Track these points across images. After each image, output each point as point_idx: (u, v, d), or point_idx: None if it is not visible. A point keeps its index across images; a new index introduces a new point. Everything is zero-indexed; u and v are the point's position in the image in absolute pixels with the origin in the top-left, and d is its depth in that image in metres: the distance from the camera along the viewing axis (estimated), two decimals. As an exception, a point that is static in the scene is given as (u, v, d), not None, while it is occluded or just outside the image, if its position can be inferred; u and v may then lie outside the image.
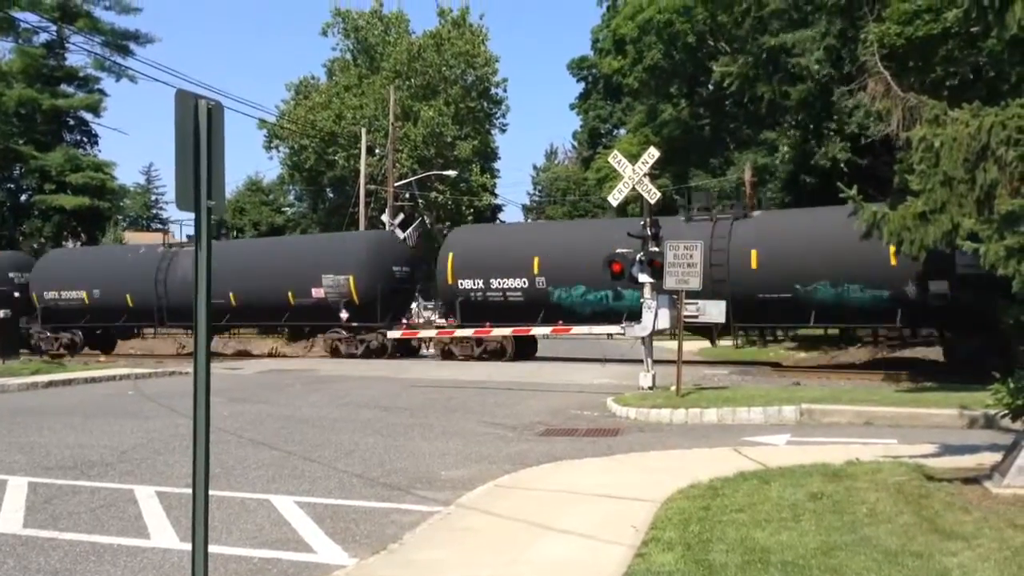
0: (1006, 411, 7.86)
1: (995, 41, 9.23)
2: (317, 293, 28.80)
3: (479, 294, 25.98)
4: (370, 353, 28.07)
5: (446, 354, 26.73)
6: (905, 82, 12.11)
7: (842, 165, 29.51)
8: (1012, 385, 7.69)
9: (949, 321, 20.40)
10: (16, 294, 33.36)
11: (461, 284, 26.21)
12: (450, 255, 26.77)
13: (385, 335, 27.30)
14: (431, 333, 26.82)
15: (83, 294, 32.59)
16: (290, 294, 29.25)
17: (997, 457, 8.09)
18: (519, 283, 25.43)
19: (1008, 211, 7.62)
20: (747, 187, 37.64)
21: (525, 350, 26.78)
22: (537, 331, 24.81)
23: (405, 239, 33.83)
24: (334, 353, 28.97)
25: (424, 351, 30.20)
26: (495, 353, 25.83)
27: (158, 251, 32.57)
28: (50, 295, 33.19)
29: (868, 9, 20.64)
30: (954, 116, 7.97)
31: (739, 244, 22.20)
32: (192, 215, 4.83)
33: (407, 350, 29.18)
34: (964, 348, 19.84)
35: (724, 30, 39.36)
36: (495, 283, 25.72)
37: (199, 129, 4.79)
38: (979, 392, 11.48)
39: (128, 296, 31.68)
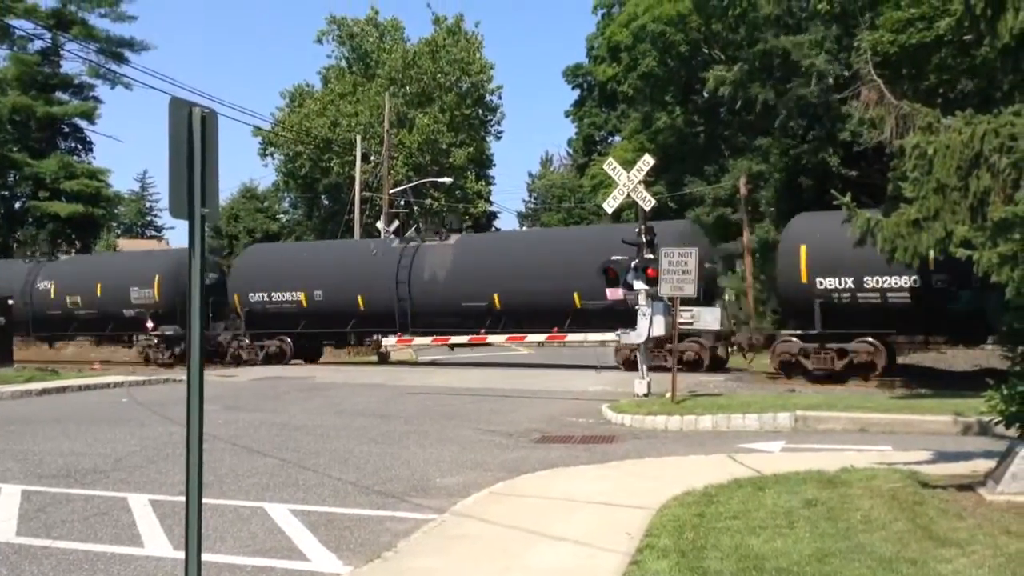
0: (1000, 418, 7.86)
1: (987, 49, 9.26)
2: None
3: None
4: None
5: None
6: (898, 90, 12.16)
7: (835, 168, 29.59)
8: (1006, 392, 7.70)
9: None
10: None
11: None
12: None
13: None
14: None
15: (300, 296, 28.57)
16: (576, 296, 24.24)
17: (991, 464, 8.10)
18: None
19: (1001, 218, 7.63)
20: (741, 195, 37.72)
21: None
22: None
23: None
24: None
25: None
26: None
27: (393, 246, 28.57)
28: (256, 297, 29.19)
29: (861, 17, 20.72)
30: (947, 124, 8.00)
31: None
32: (186, 223, 4.83)
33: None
34: None
35: (719, 38, 39.49)
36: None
37: (193, 137, 4.80)
38: (973, 399, 11.50)
39: (360, 298, 27.55)
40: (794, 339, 21.01)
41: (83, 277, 32.73)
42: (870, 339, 20.18)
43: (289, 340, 29.01)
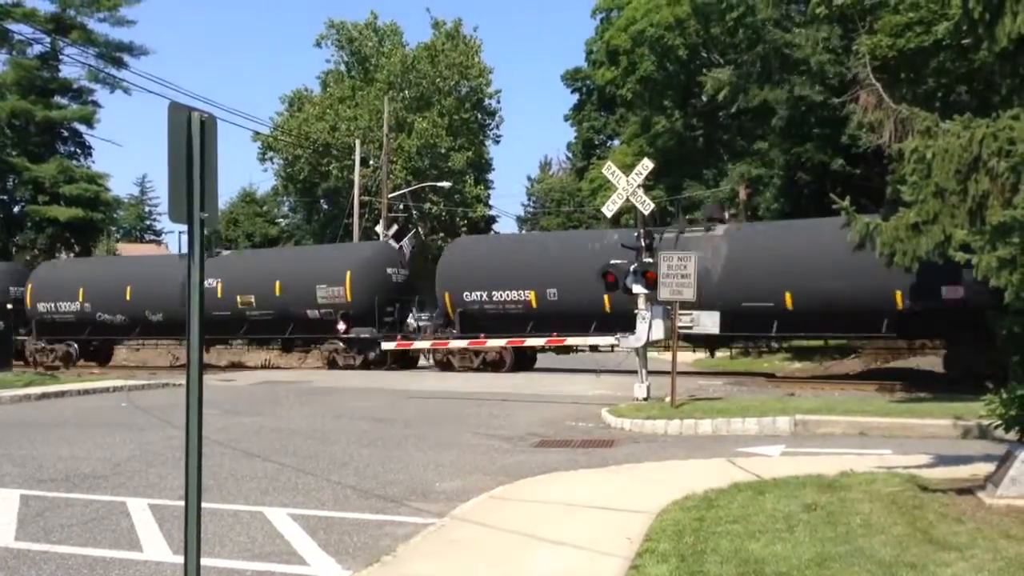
0: (1000, 422, 7.86)
1: (985, 53, 9.28)
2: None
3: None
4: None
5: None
6: (897, 94, 12.18)
7: (838, 169, 29.59)
8: (1006, 396, 7.70)
9: None
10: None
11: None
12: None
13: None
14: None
15: (530, 296, 25.45)
16: (898, 296, 20.35)
17: (991, 468, 8.09)
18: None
19: (1000, 222, 7.65)
20: (740, 199, 37.77)
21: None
22: (532, 342, 24.81)
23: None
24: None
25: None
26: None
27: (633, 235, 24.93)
28: (472, 297, 26.27)
29: (860, 21, 20.75)
30: (946, 128, 8.02)
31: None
32: (185, 227, 4.83)
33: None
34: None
35: (717, 42, 39.55)
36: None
37: (192, 141, 4.80)
38: (973, 403, 11.50)
39: (607, 297, 23.03)
40: None
41: (258, 274, 29.96)
42: None
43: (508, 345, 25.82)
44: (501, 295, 25.94)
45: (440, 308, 27.77)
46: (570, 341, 25.22)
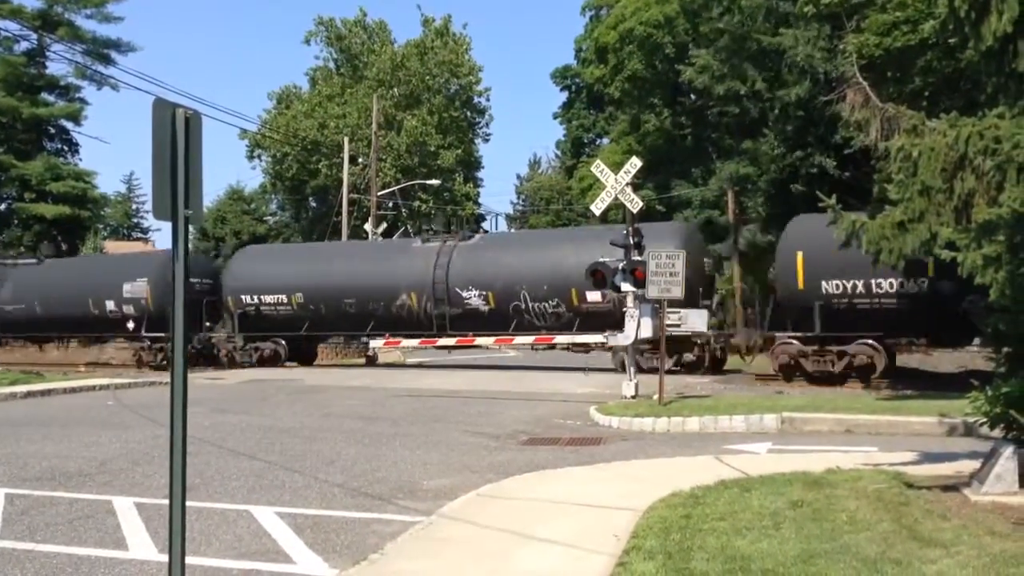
0: (985, 419, 7.90)
1: (971, 52, 9.31)
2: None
3: None
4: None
5: None
6: (884, 92, 12.22)
7: (826, 170, 29.72)
8: (991, 393, 7.74)
9: None
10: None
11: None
12: None
13: None
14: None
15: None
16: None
17: (976, 465, 8.13)
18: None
19: (986, 220, 7.68)
20: (728, 198, 37.88)
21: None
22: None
23: None
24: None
25: None
26: None
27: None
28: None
29: (848, 20, 20.84)
30: (932, 126, 8.03)
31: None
32: (170, 224, 4.81)
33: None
34: None
35: (705, 39, 39.60)
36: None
37: (176, 138, 4.78)
38: (958, 400, 11.55)
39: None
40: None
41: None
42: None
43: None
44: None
45: None
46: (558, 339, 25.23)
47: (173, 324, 4.80)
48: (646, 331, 16.97)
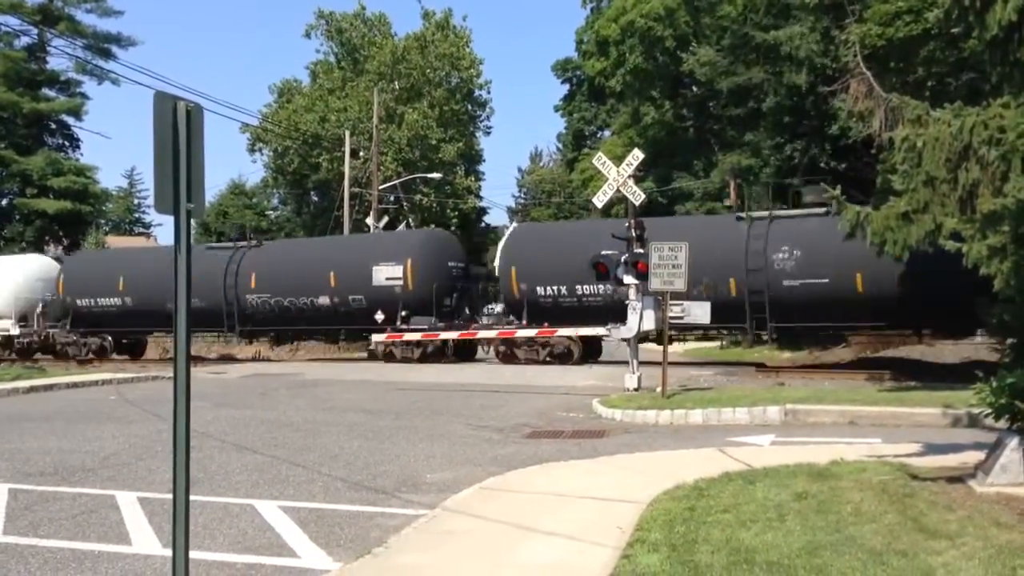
0: (989, 410, 7.88)
1: (976, 42, 9.27)
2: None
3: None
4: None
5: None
6: (887, 83, 12.16)
7: (823, 164, 29.69)
8: (995, 384, 7.71)
9: None
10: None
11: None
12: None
13: None
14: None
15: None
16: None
17: (981, 456, 8.11)
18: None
19: (990, 210, 7.66)
20: (731, 190, 37.82)
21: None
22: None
23: None
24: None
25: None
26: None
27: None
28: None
29: (850, 10, 20.76)
30: (936, 116, 8.00)
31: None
32: (172, 218, 4.79)
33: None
34: None
35: (706, 32, 39.54)
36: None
37: (178, 131, 4.75)
38: (962, 391, 11.53)
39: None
40: None
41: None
42: None
43: None
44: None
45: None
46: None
47: (176, 318, 4.78)
48: (649, 323, 16.94)
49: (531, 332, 24.06)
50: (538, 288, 23.88)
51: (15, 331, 31.72)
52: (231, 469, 10.08)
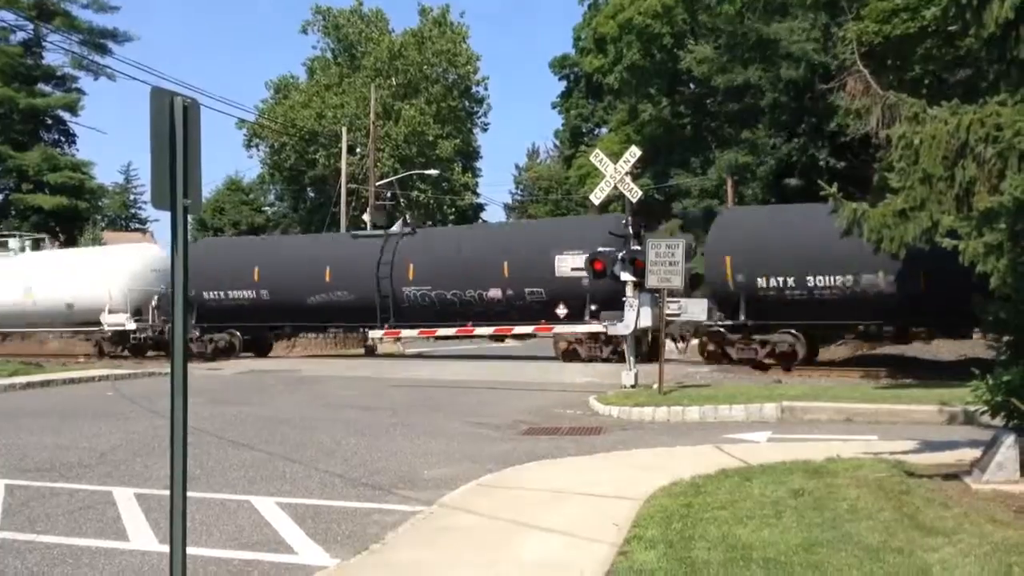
0: (985, 407, 7.89)
1: (972, 39, 9.27)
2: None
3: None
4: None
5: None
6: (884, 80, 12.16)
7: (822, 162, 29.72)
8: (992, 382, 7.72)
9: None
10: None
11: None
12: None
13: None
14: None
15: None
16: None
17: (977, 453, 8.13)
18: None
19: (987, 208, 7.66)
20: (728, 187, 37.85)
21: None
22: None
23: None
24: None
25: None
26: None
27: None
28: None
29: (847, 7, 20.77)
30: (933, 114, 8.00)
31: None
32: (168, 213, 4.78)
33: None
34: None
35: (704, 28, 39.56)
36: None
37: (175, 127, 4.74)
38: (958, 388, 11.56)
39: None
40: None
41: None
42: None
43: None
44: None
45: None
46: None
47: (173, 314, 4.78)
48: (645, 320, 16.96)
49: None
50: (759, 280, 20.88)
51: (131, 325, 29.31)
52: (228, 465, 10.08)
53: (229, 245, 34.45)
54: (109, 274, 29.81)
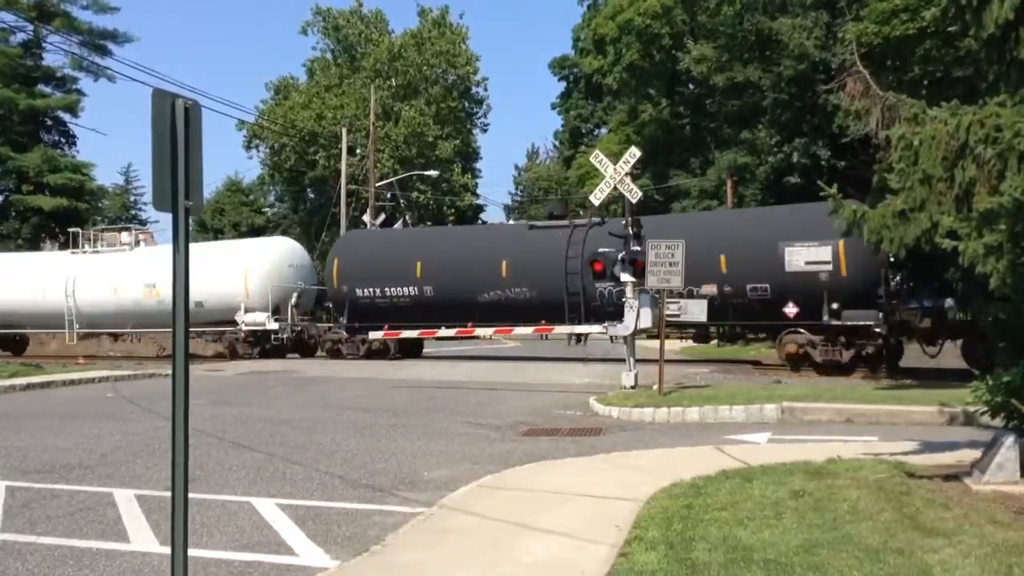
0: (985, 408, 7.90)
1: (972, 40, 9.28)
2: None
3: None
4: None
5: None
6: (883, 81, 12.17)
7: (823, 163, 29.71)
8: (992, 382, 7.73)
9: None
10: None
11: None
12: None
13: None
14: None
15: None
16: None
17: (977, 454, 8.14)
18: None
19: (987, 209, 7.66)
20: (728, 188, 37.82)
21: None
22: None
23: None
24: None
25: None
26: None
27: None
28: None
29: (847, 7, 20.79)
30: (933, 115, 8.01)
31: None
32: (170, 215, 4.78)
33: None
34: None
35: (702, 30, 39.56)
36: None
37: (176, 128, 4.75)
38: (958, 389, 11.57)
39: None
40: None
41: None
42: None
43: None
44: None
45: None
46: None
47: (174, 314, 4.78)
48: (646, 321, 16.96)
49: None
50: None
51: (272, 325, 27.56)
52: (228, 467, 10.08)
53: (383, 237, 30.93)
54: (245, 270, 28.08)
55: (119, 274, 30.62)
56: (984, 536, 6.09)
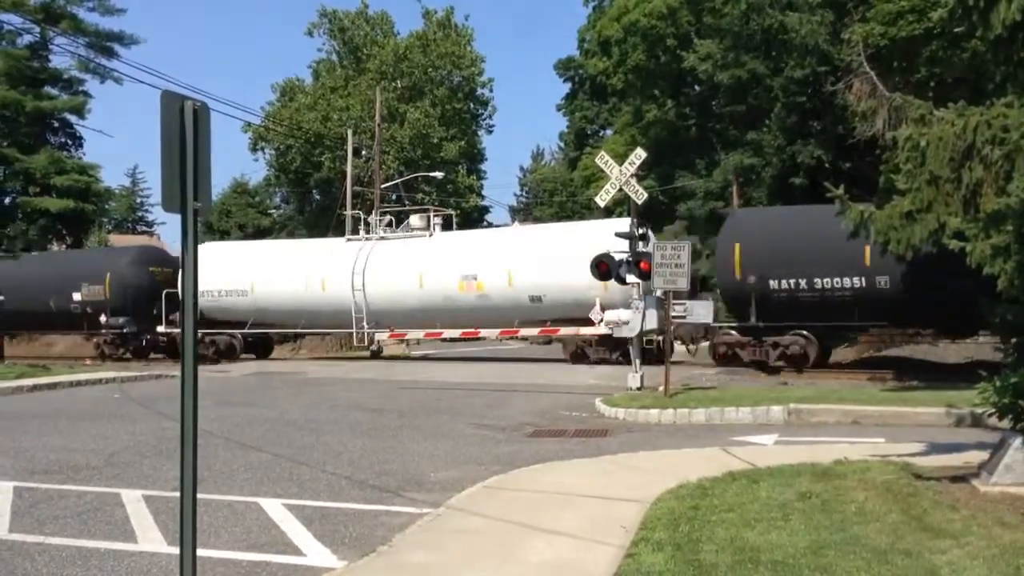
0: (993, 410, 7.88)
1: (979, 41, 9.27)
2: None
3: None
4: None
5: None
6: (890, 82, 12.18)
7: (827, 164, 29.69)
8: (999, 383, 7.72)
9: None
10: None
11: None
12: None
13: None
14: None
15: None
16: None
17: (984, 455, 8.12)
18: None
19: (994, 210, 7.67)
20: (734, 189, 37.83)
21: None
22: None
23: None
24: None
25: None
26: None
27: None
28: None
29: (853, 8, 20.78)
30: (939, 116, 8.01)
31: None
32: (178, 217, 4.79)
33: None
34: None
35: (708, 30, 39.54)
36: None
37: (185, 130, 4.76)
38: (965, 391, 11.52)
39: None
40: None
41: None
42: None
43: None
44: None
45: None
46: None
47: (183, 315, 4.80)
48: (651, 322, 16.95)
49: None
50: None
51: (638, 324, 19.97)
52: (236, 467, 10.10)
53: (800, 214, 22.63)
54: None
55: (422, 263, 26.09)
56: (992, 537, 6.08)
